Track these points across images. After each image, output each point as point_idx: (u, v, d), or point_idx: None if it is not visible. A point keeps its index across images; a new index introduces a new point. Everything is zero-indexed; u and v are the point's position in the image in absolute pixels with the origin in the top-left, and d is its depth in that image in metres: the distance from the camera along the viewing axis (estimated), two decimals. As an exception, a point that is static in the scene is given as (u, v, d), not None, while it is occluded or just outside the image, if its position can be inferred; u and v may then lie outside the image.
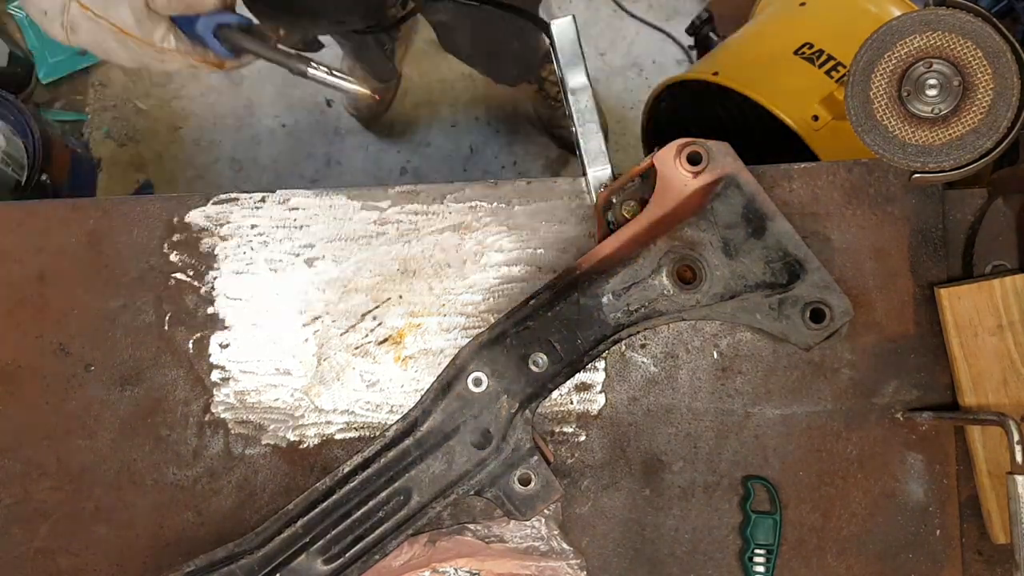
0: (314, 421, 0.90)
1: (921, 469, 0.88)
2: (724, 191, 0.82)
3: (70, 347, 0.90)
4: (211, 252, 0.91)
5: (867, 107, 0.77)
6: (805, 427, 0.89)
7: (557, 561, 0.86)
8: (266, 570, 0.81)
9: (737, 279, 0.82)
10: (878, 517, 0.88)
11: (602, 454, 0.89)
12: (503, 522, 0.87)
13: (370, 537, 0.82)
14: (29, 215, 0.92)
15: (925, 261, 0.89)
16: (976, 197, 0.89)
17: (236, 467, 0.90)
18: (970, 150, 0.77)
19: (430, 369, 0.90)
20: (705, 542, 0.89)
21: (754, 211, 0.83)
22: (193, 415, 0.90)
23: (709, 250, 0.82)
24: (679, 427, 0.89)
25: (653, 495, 0.89)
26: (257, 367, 0.90)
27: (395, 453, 0.82)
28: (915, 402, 0.88)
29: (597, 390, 0.90)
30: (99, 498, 0.89)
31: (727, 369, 0.89)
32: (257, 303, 0.91)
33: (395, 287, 0.91)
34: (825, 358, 0.89)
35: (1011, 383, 0.84)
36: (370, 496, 0.82)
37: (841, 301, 0.82)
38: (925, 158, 0.80)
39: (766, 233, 0.82)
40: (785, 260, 0.82)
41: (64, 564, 0.89)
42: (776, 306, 0.82)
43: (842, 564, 0.88)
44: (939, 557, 0.88)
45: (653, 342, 0.90)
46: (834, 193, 0.90)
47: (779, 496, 0.88)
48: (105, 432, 0.90)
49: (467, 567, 0.86)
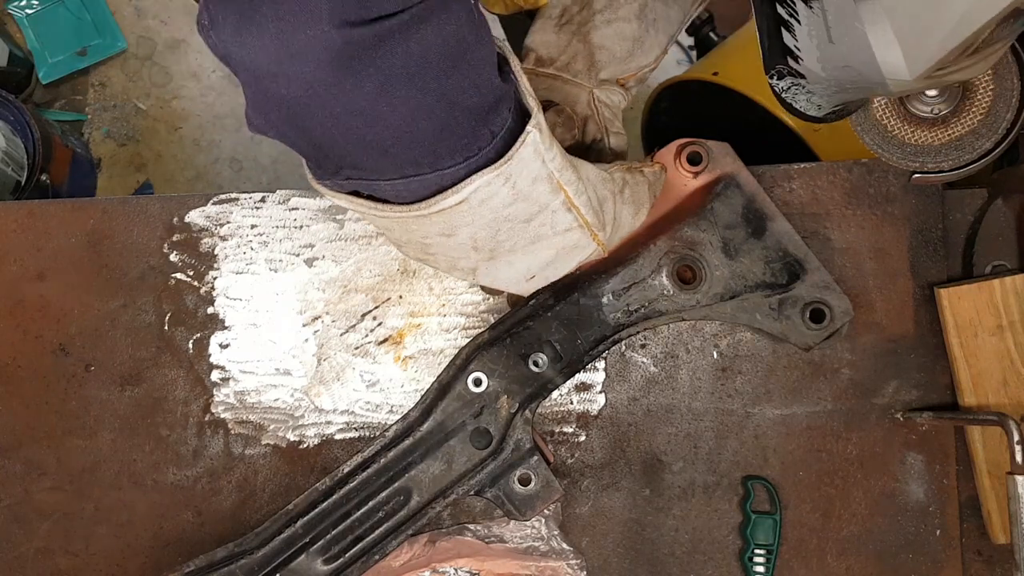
0: (314, 421, 0.90)
1: (921, 469, 0.88)
2: (724, 191, 0.82)
3: (70, 347, 0.90)
4: (211, 252, 0.91)
5: (867, 107, 0.77)
6: (805, 427, 0.89)
7: (557, 561, 0.86)
8: (266, 570, 0.81)
9: (737, 279, 0.82)
10: (878, 517, 0.88)
11: (602, 454, 0.89)
12: (503, 522, 0.87)
13: (370, 537, 0.82)
14: (29, 215, 0.92)
15: (925, 261, 0.89)
16: (976, 197, 0.89)
17: (236, 467, 0.90)
18: (969, 151, 0.77)
19: (430, 369, 0.90)
20: (705, 542, 0.89)
21: (754, 211, 0.83)
22: (193, 415, 0.90)
23: (709, 250, 0.82)
24: (679, 427, 0.89)
25: (653, 495, 0.89)
26: (257, 367, 0.90)
27: (395, 453, 0.82)
28: (915, 402, 0.88)
29: (597, 390, 0.90)
30: (99, 498, 0.89)
31: (727, 369, 0.89)
32: (257, 303, 0.91)
33: (395, 287, 0.91)
34: (825, 358, 0.89)
35: (1011, 383, 0.84)
36: (370, 496, 0.82)
37: (841, 301, 0.82)
38: (924, 158, 0.80)
39: (766, 233, 0.82)
40: (785, 260, 0.82)
41: (64, 564, 0.89)
42: (776, 306, 0.82)
43: (842, 564, 0.88)
44: (939, 557, 0.88)
45: (653, 342, 0.90)
46: (834, 193, 0.90)
47: (779, 496, 0.88)
48: (105, 432, 0.90)
49: (467, 567, 0.86)
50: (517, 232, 0.64)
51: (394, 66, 0.49)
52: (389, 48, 0.48)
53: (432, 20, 0.50)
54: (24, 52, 2.07)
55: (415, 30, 0.49)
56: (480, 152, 0.57)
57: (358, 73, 0.49)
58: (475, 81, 0.54)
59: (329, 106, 0.51)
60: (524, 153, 0.59)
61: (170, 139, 2.14)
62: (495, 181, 0.58)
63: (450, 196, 0.58)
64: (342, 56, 0.48)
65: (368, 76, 0.49)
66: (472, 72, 0.54)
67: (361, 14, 0.47)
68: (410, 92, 0.51)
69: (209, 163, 2.14)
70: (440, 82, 0.52)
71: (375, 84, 0.50)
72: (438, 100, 0.53)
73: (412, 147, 0.55)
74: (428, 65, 0.51)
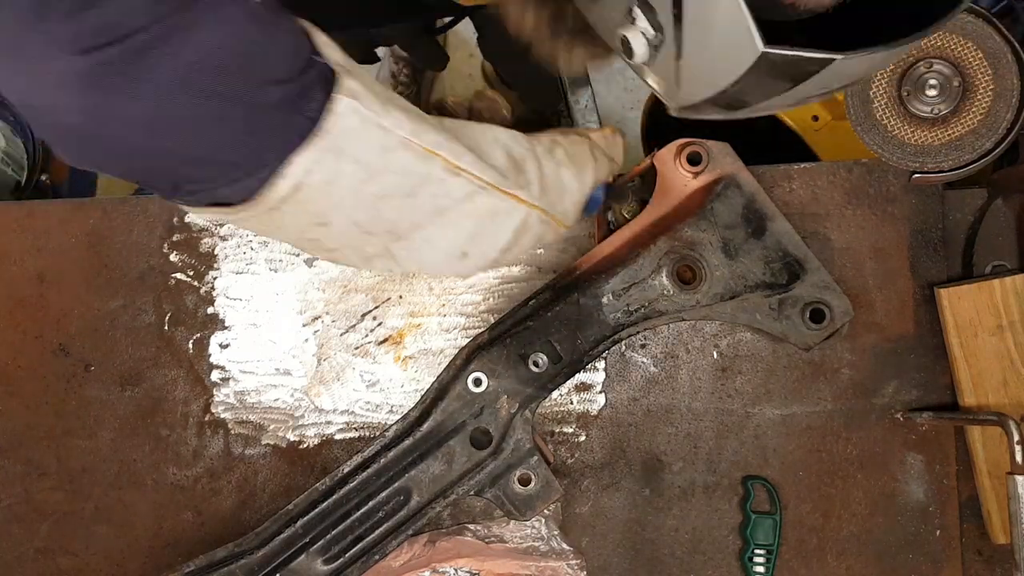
0: (314, 421, 0.90)
1: (921, 469, 0.88)
2: (724, 191, 0.82)
3: (70, 347, 0.90)
4: (211, 252, 0.91)
5: (867, 107, 0.77)
6: (805, 427, 0.89)
7: (557, 561, 0.86)
8: (266, 570, 0.81)
9: (737, 279, 0.82)
10: (878, 517, 0.88)
11: (602, 454, 0.89)
12: (503, 522, 0.87)
13: (370, 537, 0.82)
14: (29, 215, 0.92)
15: (925, 261, 0.89)
16: (976, 197, 0.89)
17: (236, 467, 0.90)
18: (969, 150, 0.77)
19: (430, 369, 0.90)
20: (705, 542, 0.89)
21: (754, 211, 0.83)
22: (193, 415, 0.90)
23: (709, 250, 0.82)
24: (679, 427, 0.89)
25: (653, 495, 0.89)
26: (257, 367, 0.90)
27: (395, 453, 0.82)
28: (915, 402, 0.88)
29: (597, 390, 0.90)
30: (99, 498, 0.89)
31: (727, 369, 0.89)
32: (257, 303, 0.91)
33: (395, 287, 0.91)
34: (825, 358, 0.89)
35: (1011, 383, 0.84)
36: (370, 496, 0.82)
37: (841, 301, 0.82)
38: (925, 158, 0.80)
39: (766, 233, 0.82)
40: (785, 260, 0.82)
41: (64, 564, 0.89)
42: (776, 306, 0.82)
43: (842, 564, 0.88)
44: (939, 557, 0.88)
45: (653, 342, 0.90)
46: (834, 193, 0.90)
47: (779, 496, 0.88)
48: (105, 432, 0.90)
49: (467, 567, 0.86)
50: (407, 207, 0.63)
51: (163, 77, 0.50)
52: (151, 61, 0.49)
53: (200, 27, 0.50)
54: (24, 52, 2.07)
55: (177, 39, 0.50)
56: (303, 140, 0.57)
57: (121, 89, 0.49)
58: (271, 75, 0.54)
59: (111, 126, 0.52)
60: (345, 124, 0.58)
61: (170, 139, 2.13)
62: (324, 159, 0.58)
63: (279, 183, 0.57)
64: (93, 77, 0.49)
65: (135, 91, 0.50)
66: (264, 67, 0.54)
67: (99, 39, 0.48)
68: (191, 99, 0.51)
69: (209, 163, 2.13)
70: (225, 84, 0.52)
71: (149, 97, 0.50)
72: (229, 102, 0.53)
73: (224, 151, 0.55)
74: (204, 70, 0.51)
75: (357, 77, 0.59)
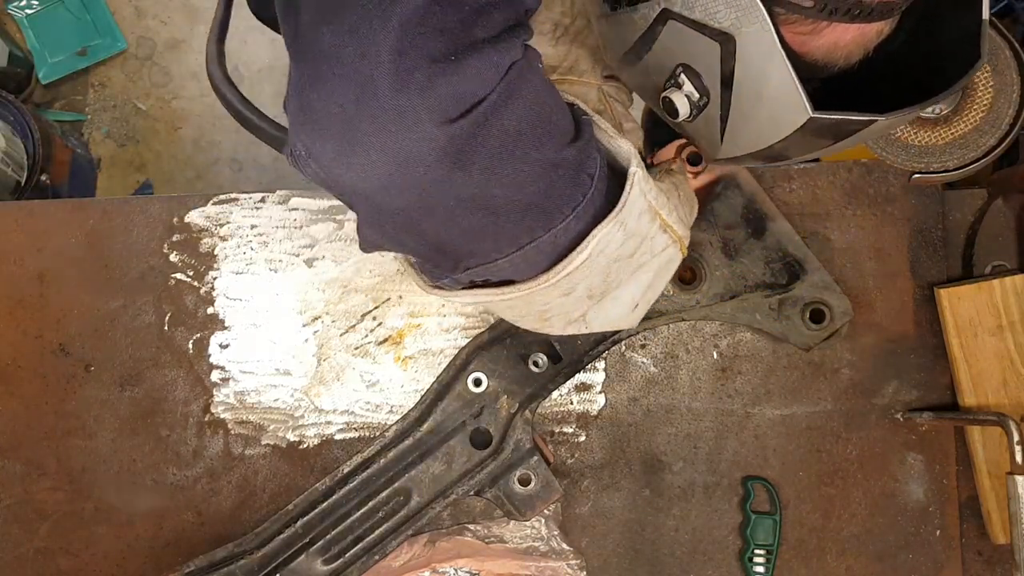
0: (314, 421, 0.90)
1: (921, 469, 0.88)
2: (724, 191, 0.82)
3: (70, 347, 0.90)
4: (211, 252, 0.91)
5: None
6: (805, 427, 0.89)
7: (557, 561, 0.86)
8: (266, 570, 0.81)
9: (737, 279, 0.82)
10: (878, 517, 0.88)
11: (602, 454, 0.89)
12: (503, 522, 0.87)
13: (370, 537, 0.82)
14: (29, 215, 0.92)
15: (925, 261, 0.89)
16: (976, 197, 0.89)
17: (236, 467, 0.90)
18: (974, 148, 0.77)
19: (430, 369, 0.90)
20: (705, 542, 0.89)
21: (754, 211, 0.83)
22: (193, 415, 0.90)
23: (709, 250, 0.82)
24: (679, 427, 0.89)
25: (653, 495, 0.89)
26: (257, 367, 0.90)
27: (395, 453, 0.82)
28: (915, 402, 0.88)
29: (597, 390, 0.89)
30: (99, 498, 0.89)
31: (727, 369, 0.89)
32: (257, 303, 0.91)
33: (395, 287, 0.91)
34: (825, 358, 0.89)
35: (1011, 383, 0.84)
36: (370, 496, 0.82)
37: (841, 301, 0.82)
38: (929, 159, 0.80)
39: (766, 233, 0.83)
40: (785, 260, 0.82)
41: (64, 564, 0.89)
42: (776, 306, 0.82)
43: (842, 564, 0.88)
44: (939, 557, 0.88)
45: (653, 342, 0.90)
46: (834, 193, 0.90)
47: (779, 496, 0.88)
48: (105, 432, 0.90)
49: (467, 567, 0.86)
50: (624, 268, 0.64)
51: (494, 147, 0.50)
52: (487, 131, 0.49)
53: (517, 93, 0.50)
54: (24, 52, 2.07)
55: (504, 107, 0.50)
56: (585, 198, 0.57)
57: (466, 164, 0.49)
58: (564, 135, 0.55)
59: (444, 202, 0.51)
60: (633, 194, 0.59)
61: (170, 139, 2.14)
62: (613, 229, 0.58)
63: (575, 257, 0.58)
64: (448, 152, 0.48)
65: (474, 163, 0.50)
66: (559, 128, 0.55)
67: (459, 108, 0.47)
68: (515, 166, 0.51)
69: (209, 163, 2.14)
70: (537, 147, 0.52)
71: (481, 169, 0.50)
72: (539, 164, 0.53)
73: (525, 216, 0.55)
74: (523, 135, 0.51)
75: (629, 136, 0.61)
